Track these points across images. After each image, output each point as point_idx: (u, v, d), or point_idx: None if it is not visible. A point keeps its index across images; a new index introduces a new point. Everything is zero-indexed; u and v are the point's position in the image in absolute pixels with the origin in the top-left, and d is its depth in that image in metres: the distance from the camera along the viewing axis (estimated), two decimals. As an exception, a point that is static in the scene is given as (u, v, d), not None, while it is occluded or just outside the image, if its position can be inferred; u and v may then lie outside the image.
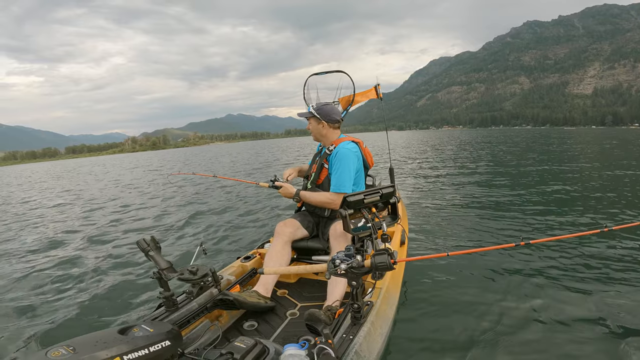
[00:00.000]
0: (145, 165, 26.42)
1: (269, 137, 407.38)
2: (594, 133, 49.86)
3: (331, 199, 2.12)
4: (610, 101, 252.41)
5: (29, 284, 3.43)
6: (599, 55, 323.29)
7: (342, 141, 2.22)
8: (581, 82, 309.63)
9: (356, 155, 2.18)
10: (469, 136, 47.40)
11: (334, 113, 2.24)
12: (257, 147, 58.25)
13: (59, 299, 3.03)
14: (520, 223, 4.61)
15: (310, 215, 2.40)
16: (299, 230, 2.28)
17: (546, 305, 2.48)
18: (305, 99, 2.58)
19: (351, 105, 2.62)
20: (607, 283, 2.79)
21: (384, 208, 1.73)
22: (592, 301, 2.52)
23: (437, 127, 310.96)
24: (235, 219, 5.63)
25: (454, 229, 4.43)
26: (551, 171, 9.51)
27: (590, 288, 2.71)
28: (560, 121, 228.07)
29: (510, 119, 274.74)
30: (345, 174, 2.10)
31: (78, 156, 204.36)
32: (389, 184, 1.77)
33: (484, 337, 2.13)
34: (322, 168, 2.27)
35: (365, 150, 2.31)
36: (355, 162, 2.16)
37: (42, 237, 5.45)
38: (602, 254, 3.35)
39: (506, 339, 2.11)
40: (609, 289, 2.69)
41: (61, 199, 10.45)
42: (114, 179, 16.16)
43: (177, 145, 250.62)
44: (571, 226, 4.45)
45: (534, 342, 2.08)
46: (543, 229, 4.36)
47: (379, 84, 2.75)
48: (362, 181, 2.29)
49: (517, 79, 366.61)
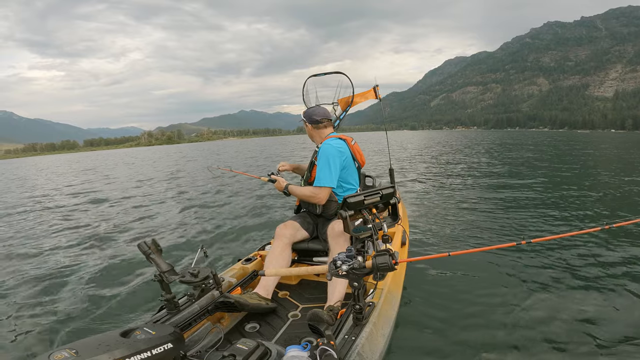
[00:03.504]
0: (186, 158, 26.05)
1: (281, 133, 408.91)
2: (610, 137, 48.30)
3: (313, 193, 2.16)
4: (631, 104, 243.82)
5: (28, 287, 3.41)
6: (622, 58, 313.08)
7: (328, 139, 2.27)
8: (602, 85, 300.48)
9: (338, 150, 2.17)
10: (481, 137, 46.70)
11: (314, 114, 2.32)
12: (275, 143, 57.78)
13: (61, 302, 3.03)
14: (521, 222, 4.61)
15: (309, 216, 2.41)
16: (299, 232, 2.29)
17: (548, 304, 2.48)
18: (305, 100, 2.62)
19: (350, 106, 2.63)
20: (609, 280, 2.80)
21: (384, 209, 1.73)
22: (594, 299, 2.52)
23: (450, 127, 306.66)
24: (236, 221, 5.62)
25: (455, 229, 4.43)
26: (550, 172, 9.49)
27: (593, 286, 2.72)
28: (579, 124, 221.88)
29: (526, 121, 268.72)
30: (325, 168, 2.13)
31: (96, 149, 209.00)
32: (389, 185, 1.77)
33: (486, 337, 2.13)
34: (313, 166, 2.31)
35: (354, 147, 2.30)
36: (337, 157, 2.14)
37: (44, 237, 5.41)
38: (603, 251, 3.36)
39: (509, 338, 2.12)
40: (611, 287, 2.69)
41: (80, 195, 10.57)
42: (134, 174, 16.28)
43: (192, 140, 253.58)
44: (572, 224, 4.47)
45: (537, 341, 2.09)
46: (544, 227, 4.37)
47: (378, 85, 2.75)
48: (352, 179, 2.29)
49: (535, 80, 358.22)
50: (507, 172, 9.67)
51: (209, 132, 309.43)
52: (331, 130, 2.39)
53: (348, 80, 2.63)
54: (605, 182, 7.62)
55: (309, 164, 2.41)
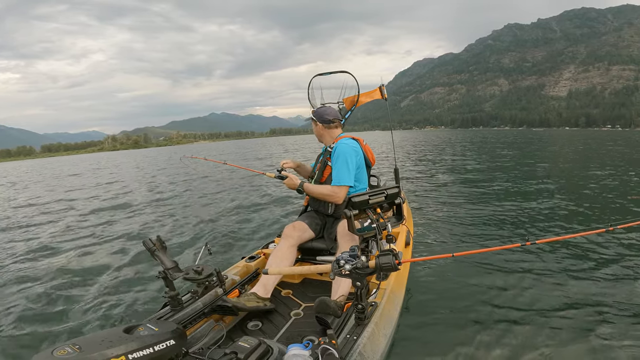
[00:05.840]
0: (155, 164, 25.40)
1: (254, 136, 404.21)
2: (571, 134, 51.40)
3: (333, 191, 2.18)
4: (584, 103, 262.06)
5: (33, 284, 3.42)
6: (575, 58, 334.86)
7: (341, 138, 2.30)
8: (557, 85, 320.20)
9: (354, 150, 2.22)
10: (455, 137, 48.35)
11: (326, 114, 2.34)
12: (256, 145, 57.36)
13: (64, 298, 3.05)
14: (526, 223, 4.62)
15: (317, 216, 2.41)
16: (306, 233, 2.29)
17: (554, 305, 2.48)
18: (310, 100, 2.59)
19: (355, 105, 2.63)
20: (613, 282, 2.81)
21: (389, 209, 1.74)
22: (601, 299, 2.53)
23: (419, 127, 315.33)
24: (240, 219, 5.63)
25: (459, 229, 4.43)
26: (550, 172, 9.69)
27: (597, 287, 2.72)
28: (536, 122, 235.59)
29: (489, 120, 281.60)
30: (343, 167, 2.15)
31: (55, 154, 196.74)
32: (394, 185, 1.78)
33: (489, 338, 2.13)
34: (325, 166, 2.32)
35: (366, 147, 2.36)
36: (354, 157, 2.20)
37: (44, 236, 5.42)
38: (607, 253, 3.38)
39: (512, 340, 2.12)
40: (616, 287, 2.70)
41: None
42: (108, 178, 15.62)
43: (160, 144, 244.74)
44: (576, 225, 4.48)
45: (541, 342, 2.08)
46: (548, 228, 4.38)
47: (384, 84, 2.75)
48: (363, 178, 2.32)
49: (496, 80, 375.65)
50: (509, 173, 9.71)
51: (178, 136, 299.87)
52: (341, 130, 2.41)
53: (343, 79, 2.61)
54: (604, 182, 7.73)
55: (319, 164, 2.39)
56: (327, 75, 2.65)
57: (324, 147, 2.45)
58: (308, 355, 1.32)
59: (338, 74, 2.64)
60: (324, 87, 2.58)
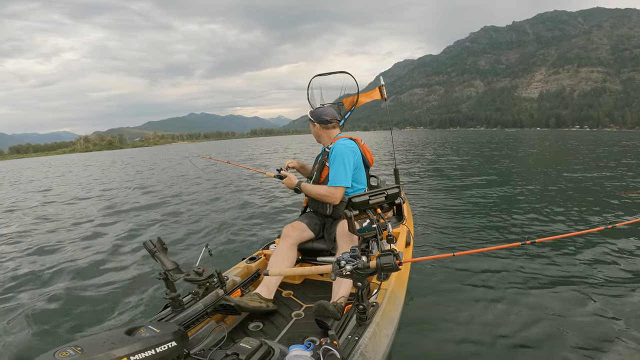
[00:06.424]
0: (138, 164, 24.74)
1: (234, 136, 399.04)
2: (537, 135, 53.05)
3: (330, 192, 2.18)
4: (554, 104, 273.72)
5: (34, 286, 3.41)
6: (546, 60, 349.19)
7: (339, 139, 2.29)
8: (529, 86, 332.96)
9: (352, 150, 2.22)
10: (437, 136, 49.25)
11: (323, 114, 2.34)
12: (239, 145, 56.42)
13: (65, 300, 3.03)
14: (525, 222, 4.67)
15: (316, 217, 2.40)
16: (305, 233, 2.29)
17: (555, 304, 2.50)
18: (310, 100, 2.58)
19: (355, 105, 2.63)
20: (613, 280, 2.83)
21: (389, 209, 1.73)
22: (601, 298, 2.54)
23: (399, 127, 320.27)
24: (241, 220, 5.59)
25: (460, 229, 4.44)
26: (549, 172, 9.85)
27: (597, 286, 2.73)
28: (509, 123, 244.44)
29: (466, 121, 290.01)
30: (340, 168, 2.15)
31: (23, 156, 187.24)
32: (394, 185, 1.78)
33: (490, 338, 2.14)
34: (323, 166, 2.32)
35: (364, 147, 2.35)
36: (351, 157, 2.19)
37: (45, 237, 5.36)
38: (606, 251, 3.43)
39: (513, 340, 2.13)
40: (616, 287, 2.72)
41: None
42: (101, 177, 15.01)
43: (135, 145, 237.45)
44: (576, 224, 4.53)
45: (542, 342, 2.09)
46: (548, 227, 4.43)
47: (384, 85, 2.76)
48: (362, 179, 2.32)
49: (473, 82, 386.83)
50: (509, 173, 9.80)
51: (155, 136, 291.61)
52: (339, 130, 2.40)
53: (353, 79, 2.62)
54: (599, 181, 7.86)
55: (317, 165, 2.39)
56: (327, 75, 2.65)
57: (322, 147, 2.44)
58: (309, 356, 1.32)
59: (338, 75, 2.64)
60: (323, 87, 2.58)
